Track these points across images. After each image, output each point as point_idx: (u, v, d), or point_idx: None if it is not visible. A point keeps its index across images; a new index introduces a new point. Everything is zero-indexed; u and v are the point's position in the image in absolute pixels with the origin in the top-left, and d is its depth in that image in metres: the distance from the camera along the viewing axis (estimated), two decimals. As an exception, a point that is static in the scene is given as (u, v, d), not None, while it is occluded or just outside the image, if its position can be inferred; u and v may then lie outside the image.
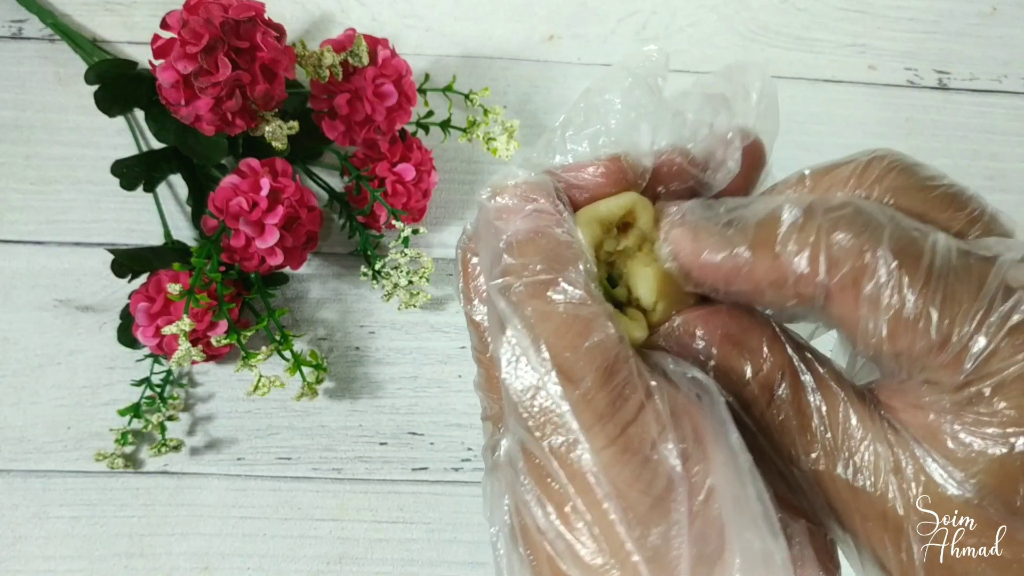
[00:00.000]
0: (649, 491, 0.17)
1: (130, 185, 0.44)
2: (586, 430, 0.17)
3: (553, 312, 0.18)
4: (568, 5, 0.54)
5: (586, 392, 0.17)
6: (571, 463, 0.17)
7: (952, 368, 0.16)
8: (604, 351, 0.18)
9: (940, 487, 0.17)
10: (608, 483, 0.17)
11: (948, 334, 0.16)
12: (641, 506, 0.17)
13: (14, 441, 0.47)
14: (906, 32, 0.55)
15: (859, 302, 0.17)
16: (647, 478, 0.17)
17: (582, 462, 0.17)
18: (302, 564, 0.47)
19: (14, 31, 0.51)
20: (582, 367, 0.18)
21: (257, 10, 0.40)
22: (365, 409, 0.49)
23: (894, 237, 0.17)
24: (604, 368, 0.18)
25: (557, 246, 0.19)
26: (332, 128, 0.44)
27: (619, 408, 0.17)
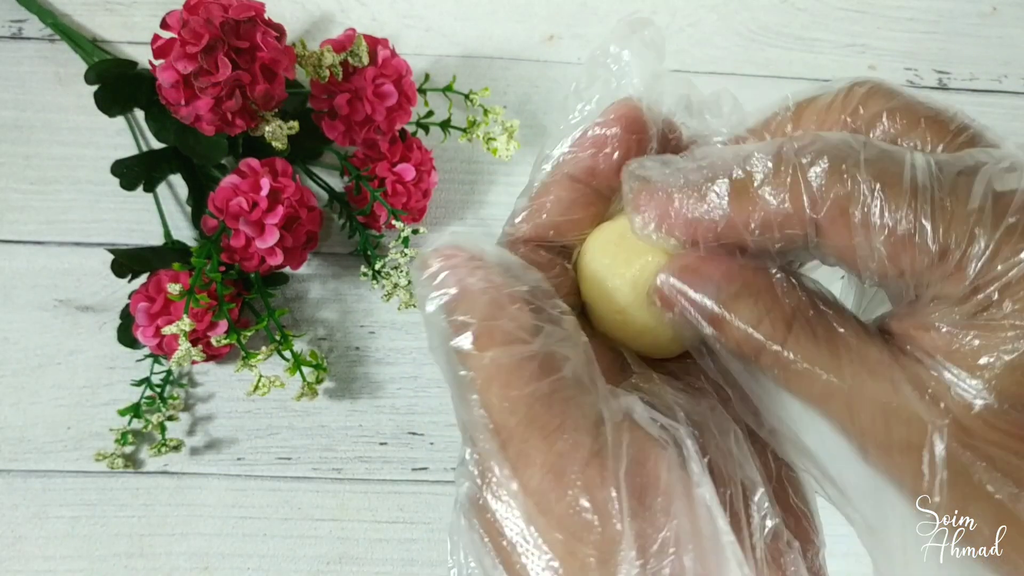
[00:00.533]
0: (591, 547, 0.16)
1: (130, 185, 0.44)
2: (516, 476, 0.17)
3: (479, 363, 0.18)
4: (568, 5, 0.54)
5: (509, 438, 0.17)
6: (508, 519, 0.17)
7: (956, 278, 0.16)
8: (536, 396, 0.17)
9: (962, 399, 0.16)
10: (543, 542, 0.16)
11: (946, 244, 0.16)
12: (586, 563, 0.16)
13: (14, 441, 0.47)
14: (906, 32, 0.55)
15: (851, 230, 0.17)
16: (587, 535, 0.16)
17: (518, 518, 0.17)
18: (302, 564, 0.47)
19: (14, 31, 0.51)
20: (509, 416, 0.17)
21: (257, 10, 0.40)
22: (365, 409, 0.49)
23: (870, 161, 0.17)
24: (534, 417, 0.17)
25: (476, 296, 0.18)
26: (332, 128, 0.44)
27: (556, 461, 0.17)
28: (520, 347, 0.18)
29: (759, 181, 0.18)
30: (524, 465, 0.17)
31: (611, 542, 0.16)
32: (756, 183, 0.18)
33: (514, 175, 0.52)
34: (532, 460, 0.17)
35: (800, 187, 0.17)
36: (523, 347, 0.18)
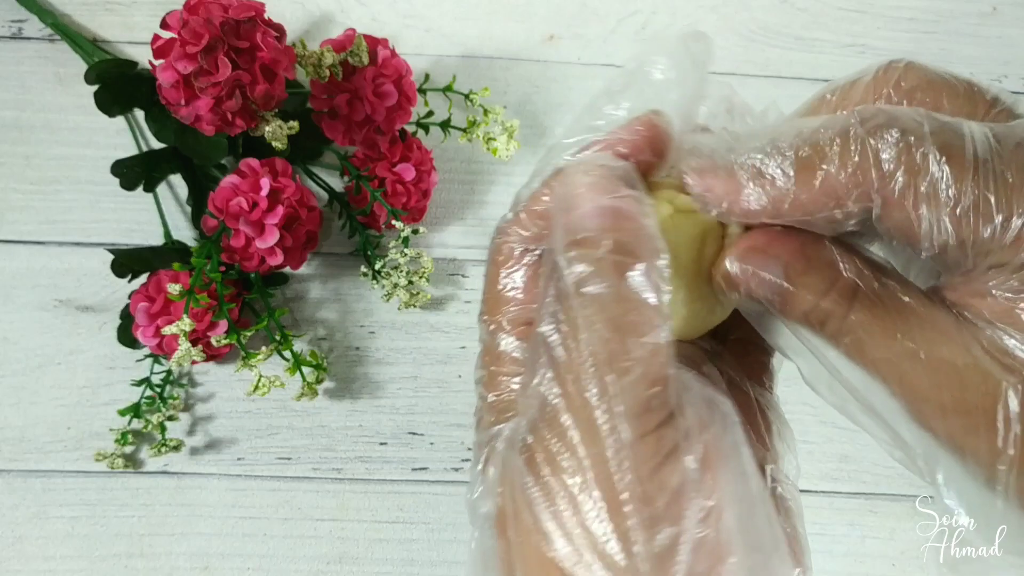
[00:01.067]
0: (664, 492, 0.17)
1: (130, 185, 0.44)
2: (627, 418, 0.17)
3: (617, 299, 0.18)
4: (568, 5, 0.54)
5: (633, 383, 0.17)
6: (596, 450, 0.17)
7: (1015, 247, 0.17)
8: (653, 352, 0.18)
9: (1022, 356, 0.17)
10: (632, 474, 0.17)
11: (1009, 214, 0.17)
12: (657, 502, 0.17)
13: (14, 441, 0.47)
14: (906, 32, 0.55)
15: (917, 203, 0.17)
16: (666, 479, 0.17)
17: (609, 449, 0.17)
18: (302, 564, 0.47)
19: (14, 31, 0.51)
20: (630, 362, 0.17)
21: (257, 10, 0.40)
22: (365, 409, 0.49)
23: (934, 133, 0.17)
24: (649, 367, 0.18)
25: (639, 235, 0.19)
26: (332, 128, 0.44)
27: (656, 408, 0.17)
28: (653, 302, 0.18)
29: (826, 156, 0.18)
30: (631, 399, 0.17)
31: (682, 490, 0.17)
32: (823, 158, 0.18)
33: (514, 175, 0.52)
34: (638, 398, 0.17)
35: (868, 161, 0.18)
36: (655, 304, 0.18)
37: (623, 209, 0.19)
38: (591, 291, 0.18)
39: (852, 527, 0.49)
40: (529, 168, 0.56)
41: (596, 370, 0.17)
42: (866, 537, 0.49)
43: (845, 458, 0.50)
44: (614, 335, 0.18)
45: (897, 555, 0.49)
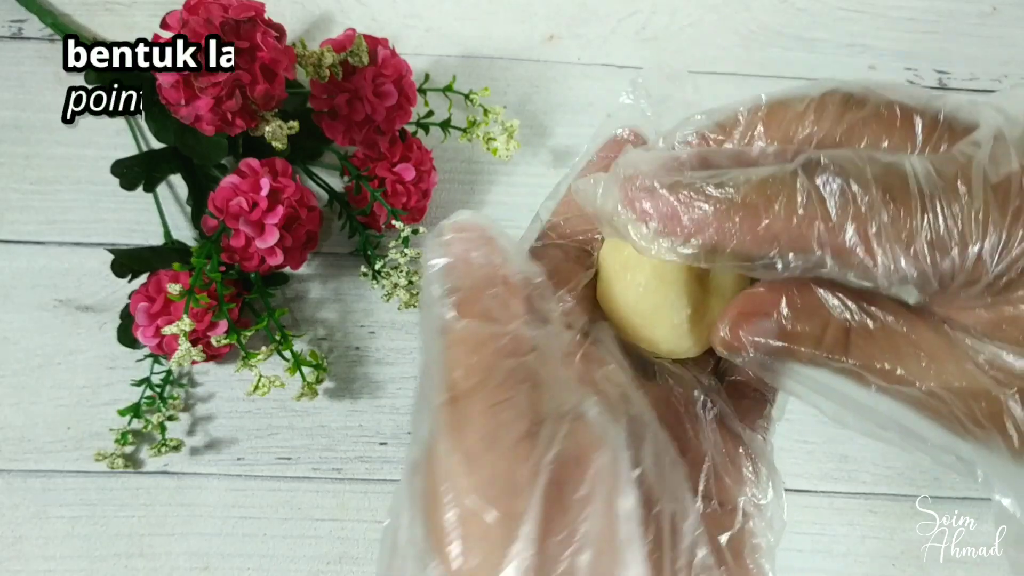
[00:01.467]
0: (498, 517, 0.17)
1: (130, 185, 0.44)
2: (453, 441, 0.18)
3: (454, 326, 0.19)
4: (568, 5, 0.54)
5: (457, 401, 0.18)
6: (439, 477, 0.18)
7: (979, 270, 0.17)
8: (492, 369, 0.19)
9: (1011, 366, 0.18)
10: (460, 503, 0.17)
11: (964, 244, 0.17)
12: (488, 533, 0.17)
13: (14, 441, 0.47)
14: (906, 32, 0.55)
15: (870, 248, 0.18)
16: (499, 503, 0.17)
17: (448, 475, 0.18)
18: (302, 564, 0.47)
19: (14, 31, 0.51)
20: (464, 379, 0.18)
21: (257, 10, 0.40)
22: (365, 409, 0.49)
23: (878, 176, 0.18)
24: (487, 386, 0.18)
25: (472, 269, 0.20)
26: (332, 128, 0.44)
27: (493, 432, 0.18)
28: (493, 325, 0.19)
29: (772, 206, 0.18)
30: (462, 426, 0.18)
31: (516, 517, 0.17)
32: (768, 207, 0.18)
33: (514, 175, 0.52)
34: (472, 423, 0.18)
35: (814, 211, 0.18)
36: (495, 326, 0.19)
37: (457, 256, 0.20)
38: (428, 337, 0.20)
39: (852, 527, 0.49)
40: (529, 168, 0.56)
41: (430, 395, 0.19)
42: (866, 537, 0.49)
43: (845, 458, 0.50)
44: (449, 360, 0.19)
45: (897, 555, 0.49)
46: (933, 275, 0.18)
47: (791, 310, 0.20)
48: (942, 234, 0.17)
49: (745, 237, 0.19)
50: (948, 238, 0.17)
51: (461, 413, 0.18)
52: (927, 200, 0.17)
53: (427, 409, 0.19)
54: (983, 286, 0.18)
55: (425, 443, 0.19)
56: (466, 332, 0.19)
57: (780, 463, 0.25)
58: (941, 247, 0.17)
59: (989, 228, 0.17)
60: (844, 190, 0.18)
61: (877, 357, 0.19)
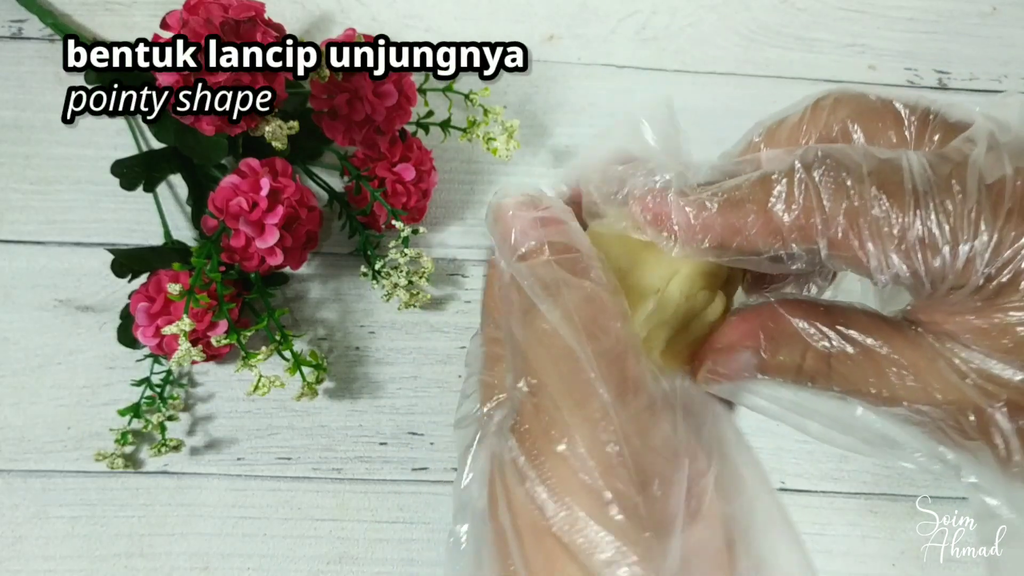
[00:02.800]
0: (650, 453, 0.18)
1: (130, 185, 0.44)
2: (607, 384, 0.18)
3: (580, 286, 0.19)
4: (568, 5, 0.54)
5: (608, 357, 0.18)
6: (582, 416, 0.18)
7: (968, 270, 0.17)
8: (625, 335, 0.19)
9: (999, 376, 0.18)
10: (619, 434, 0.17)
11: (954, 242, 0.17)
12: (645, 463, 0.18)
13: (14, 441, 0.47)
14: (906, 32, 0.55)
15: (863, 242, 0.18)
16: (652, 441, 0.18)
17: (596, 412, 0.18)
18: (302, 564, 0.47)
19: (14, 31, 0.51)
20: (604, 336, 0.18)
21: (257, 10, 0.40)
22: (365, 409, 0.49)
23: (873, 172, 0.18)
24: (623, 345, 0.19)
25: (576, 234, 0.20)
26: (332, 128, 0.44)
27: (634, 385, 0.18)
28: (610, 292, 0.20)
29: (774, 200, 0.19)
30: (606, 376, 0.18)
31: (673, 457, 0.18)
32: (771, 203, 0.19)
33: (514, 175, 0.52)
34: (613, 374, 0.18)
35: (811, 204, 0.18)
36: (613, 292, 0.20)
37: (548, 217, 0.20)
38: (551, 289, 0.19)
39: (852, 527, 0.49)
40: (529, 168, 0.56)
41: (575, 349, 0.18)
42: (866, 537, 0.49)
43: (845, 458, 0.50)
44: (584, 322, 0.19)
45: (897, 555, 0.49)
46: (924, 274, 0.18)
47: (768, 342, 0.20)
48: (934, 232, 0.17)
49: (749, 232, 0.19)
50: (940, 236, 0.17)
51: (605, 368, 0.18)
52: (920, 197, 0.17)
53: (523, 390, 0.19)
54: (972, 288, 0.17)
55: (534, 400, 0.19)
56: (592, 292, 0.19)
57: (780, 463, 0.25)
58: (932, 245, 0.17)
59: (981, 228, 0.17)
60: (839, 184, 0.18)
61: (859, 380, 0.19)
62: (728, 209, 0.19)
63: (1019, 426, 0.18)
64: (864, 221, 0.18)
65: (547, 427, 0.18)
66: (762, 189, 0.19)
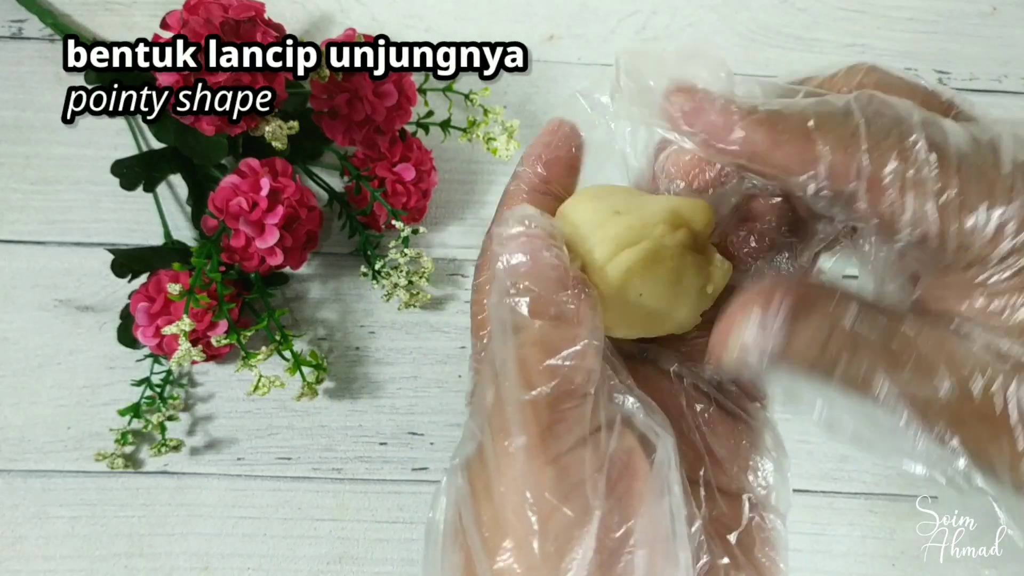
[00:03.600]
0: (564, 519, 0.18)
1: (130, 185, 0.44)
2: (527, 439, 0.18)
3: (530, 327, 0.19)
4: (568, 5, 0.54)
5: (535, 402, 0.19)
6: (506, 472, 0.18)
7: (995, 240, 0.17)
8: (565, 373, 0.19)
9: (1017, 359, 0.17)
10: (533, 498, 0.18)
11: (991, 206, 0.17)
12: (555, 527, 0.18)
13: (14, 441, 0.47)
14: (906, 32, 0.55)
15: (904, 189, 0.18)
16: (569, 505, 0.18)
17: (515, 471, 0.18)
18: (302, 564, 0.47)
19: (14, 31, 0.51)
20: (540, 380, 0.19)
21: (257, 10, 0.40)
22: (365, 409, 0.49)
23: (923, 124, 0.18)
24: (559, 389, 0.19)
25: (546, 270, 0.20)
26: (332, 128, 0.44)
27: (561, 433, 0.18)
28: (565, 329, 0.20)
29: (823, 126, 0.18)
30: (530, 427, 0.19)
31: (583, 514, 0.18)
32: (819, 127, 0.18)
33: (514, 175, 0.52)
34: (540, 425, 0.19)
35: (859, 143, 0.18)
36: (567, 330, 0.20)
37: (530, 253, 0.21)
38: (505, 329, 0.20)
39: (852, 527, 0.49)
40: (529, 168, 0.55)
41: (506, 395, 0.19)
42: (866, 537, 0.49)
43: (845, 458, 0.50)
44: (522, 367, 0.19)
45: (897, 555, 0.49)
46: (954, 235, 0.17)
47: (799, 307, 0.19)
48: (972, 193, 0.17)
49: (788, 150, 0.19)
50: (977, 198, 0.17)
51: (531, 415, 0.19)
52: (963, 158, 0.17)
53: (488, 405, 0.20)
54: (995, 260, 0.17)
55: (482, 439, 0.19)
56: (540, 335, 0.20)
57: (780, 463, 0.25)
58: (969, 205, 0.17)
59: (1015, 202, 0.17)
60: (892, 129, 0.18)
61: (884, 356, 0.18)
62: (776, 121, 0.19)
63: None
64: (910, 168, 0.17)
65: (484, 466, 0.19)
66: (815, 114, 0.19)
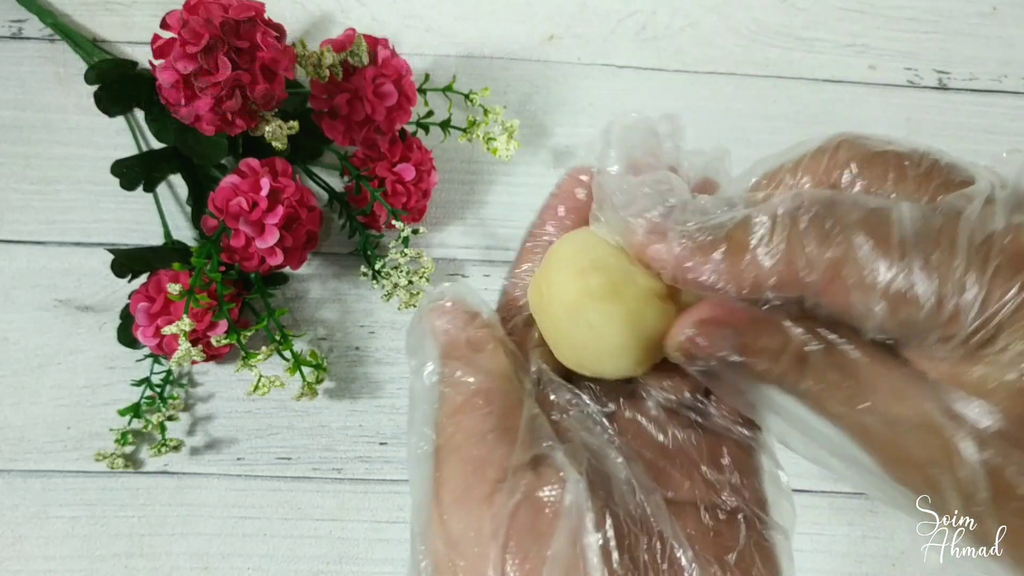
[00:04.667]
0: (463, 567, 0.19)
1: (130, 185, 0.44)
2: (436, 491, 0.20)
3: (448, 396, 0.21)
4: (568, 5, 0.54)
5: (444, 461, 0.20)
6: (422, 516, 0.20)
7: (954, 322, 0.17)
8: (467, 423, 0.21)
9: (975, 421, 0.17)
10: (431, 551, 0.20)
11: (941, 296, 0.17)
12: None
13: (14, 441, 0.47)
14: (906, 32, 0.55)
15: (848, 290, 0.17)
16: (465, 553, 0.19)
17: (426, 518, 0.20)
18: (302, 564, 0.47)
19: (14, 31, 0.51)
20: (444, 433, 0.21)
21: (257, 10, 0.40)
22: (365, 409, 0.49)
23: (861, 219, 0.18)
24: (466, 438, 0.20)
25: (462, 343, 0.22)
26: (332, 128, 0.44)
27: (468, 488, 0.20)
28: (475, 373, 0.21)
29: (755, 243, 0.19)
30: (440, 481, 0.20)
31: (482, 566, 0.19)
32: (752, 246, 0.19)
33: (514, 175, 0.52)
34: (448, 479, 0.20)
35: (796, 250, 0.18)
36: (478, 374, 0.21)
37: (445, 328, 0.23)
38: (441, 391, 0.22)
39: (852, 527, 0.49)
40: (529, 168, 0.56)
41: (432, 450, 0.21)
42: (866, 537, 0.49)
43: (845, 458, 0.50)
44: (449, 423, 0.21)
45: (897, 555, 0.49)
46: (911, 324, 0.17)
47: (753, 325, 0.19)
48: (918, 284, 0.17)
49: (730, 273, 0.19)
50: (925, 290, 0.17)
51: (440, 468, 0.20)
52: (909, 248, 0.17)
53: (413, 458, 0.21)
54: (957, 341, 0.17)
55: (416, 489, 0.21)
56: (452, 382, 0.21)
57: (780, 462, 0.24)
58: (916, 300, 0.17)
59: (967, 284, 0.17)
60: (825, 231, 0.18)
61: (834, 383, 0.18)
62: (711, 249, 0.19)
63: (984, 459, 0.17)
64: (849, 270, 0.17)
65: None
66: (744, 232, 0.19)
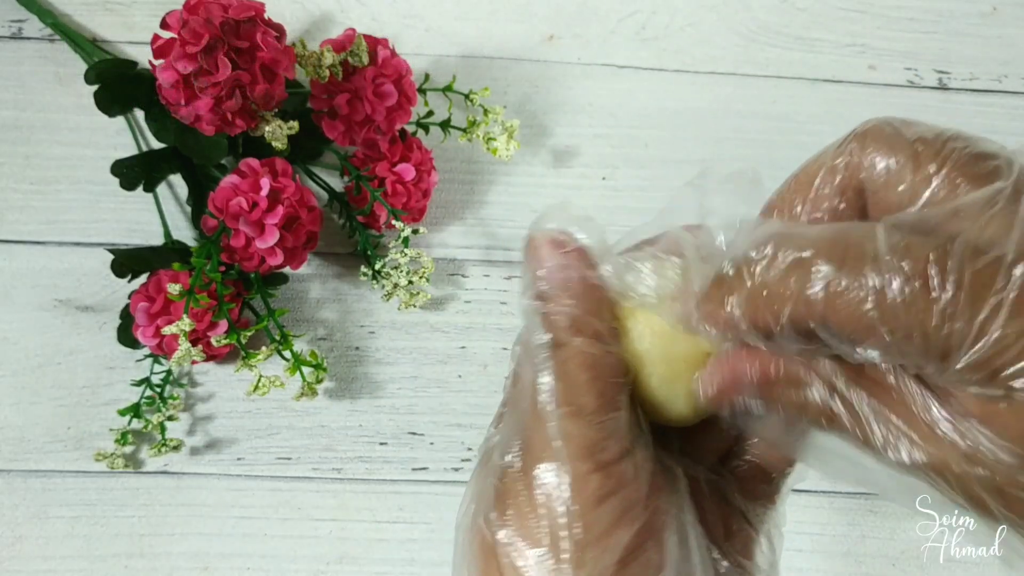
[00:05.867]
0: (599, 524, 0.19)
1: (130, 185, 0.44)
2: (573, 452, 0.20)
3: (570, 343, 0.21)
4: (568, 5, 0.54)
5: (578, 414, 0.20)
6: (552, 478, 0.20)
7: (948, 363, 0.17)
8: (606, 389, 0.20)
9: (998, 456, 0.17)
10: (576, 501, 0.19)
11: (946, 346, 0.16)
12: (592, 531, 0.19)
13: (14, 441, 0.47)
14: (906, 32, 0.55)
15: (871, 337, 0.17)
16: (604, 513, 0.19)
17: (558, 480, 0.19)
18: (302, 564, 0.47)
19: (14, 31, 0.51)
20: (583, 394, 0.20)
21: (257, 10, 0.40)
22: (365, 409, 0.49)
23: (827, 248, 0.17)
24: (603, 402, 0.20)
25: (591, 288, 0.22)
26: (332, 128, 0.44)
27: (605, 443, 0.20)
28: (603, 346, 0.21)
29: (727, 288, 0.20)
30: (574, 436, 0.20)
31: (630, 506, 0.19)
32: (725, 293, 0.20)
33: (514, 175, 0.52)
34: (584, 434, 0.20)
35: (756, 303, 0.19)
36: (607, 346, 0.21)
37: (571, 264, 0.22)
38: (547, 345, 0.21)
39: (852, 527, 0.49)
40: (529, 168, 0.56)
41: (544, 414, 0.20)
42: (866, 537, 0.49)
43: (845, 458, 0.50)
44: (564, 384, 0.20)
45: (897, 555, 0.49)
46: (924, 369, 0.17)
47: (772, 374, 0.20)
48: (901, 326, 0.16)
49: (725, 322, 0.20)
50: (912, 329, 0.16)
51: (574, 428, 0.20)
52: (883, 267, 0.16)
53: (528, 417, 0.21)
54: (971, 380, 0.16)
55: (522, 448, 0.21)
56: (581, 351, 0.21)
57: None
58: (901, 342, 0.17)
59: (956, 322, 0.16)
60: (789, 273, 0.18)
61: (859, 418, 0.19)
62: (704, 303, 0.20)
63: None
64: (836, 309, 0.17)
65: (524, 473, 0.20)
66: (716, 286, 0.20)
